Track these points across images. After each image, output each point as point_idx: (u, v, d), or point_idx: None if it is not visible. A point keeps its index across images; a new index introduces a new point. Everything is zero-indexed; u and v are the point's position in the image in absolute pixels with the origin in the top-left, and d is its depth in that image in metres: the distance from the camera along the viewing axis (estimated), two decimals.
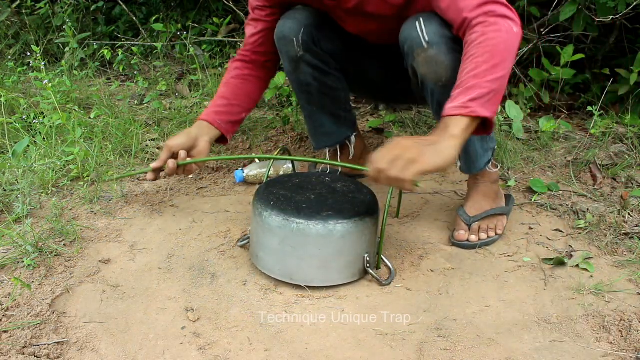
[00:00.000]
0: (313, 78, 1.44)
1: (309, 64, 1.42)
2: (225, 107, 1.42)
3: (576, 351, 1.02)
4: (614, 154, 1.79)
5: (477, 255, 1.32)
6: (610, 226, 1.41)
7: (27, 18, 2.79)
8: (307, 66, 1.42)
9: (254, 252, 1.21)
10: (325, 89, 1.47)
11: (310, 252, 1.13)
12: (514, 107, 1.91)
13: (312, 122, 1.55)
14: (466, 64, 1.05)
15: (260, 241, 1.18)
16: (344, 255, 1.15)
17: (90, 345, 1.02)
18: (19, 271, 1.21)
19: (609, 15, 1.83)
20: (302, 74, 1.44)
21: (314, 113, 1.53)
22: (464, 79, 1.04)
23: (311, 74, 1.43)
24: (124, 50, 2.58)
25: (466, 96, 1.02)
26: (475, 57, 1.04)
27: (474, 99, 1.01)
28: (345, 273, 1.17)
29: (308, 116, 1.55)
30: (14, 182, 1.54)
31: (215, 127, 1.39)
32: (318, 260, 1.14)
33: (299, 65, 1.42)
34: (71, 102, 2.06)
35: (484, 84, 1.02)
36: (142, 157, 1.76)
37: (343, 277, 1.17)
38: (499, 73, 1.03)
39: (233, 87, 1.45)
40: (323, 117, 1.53)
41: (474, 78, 1.02)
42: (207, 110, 1.41)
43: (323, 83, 1.45)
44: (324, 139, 1.57)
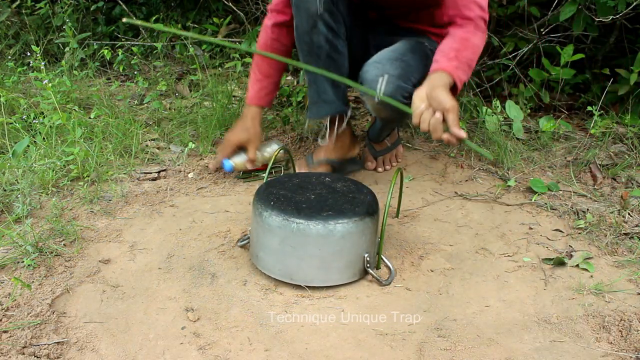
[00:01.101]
0: (326, 40, 1.43)
1: (326, 24, 1.41)
2: (266, 84, 1.60)
3: (576, 351, 1.02)
4: (614, 154, 1.79)
5: (477, 255, 1.32)
6: (610, 226, 1.41)
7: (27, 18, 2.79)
8: (324, 26, 1.41)
9: (254, 252, 1.21)
10: (334, 53, 1.46)
11: (310, 252, 1.13)
12: (514, 107, 1.91)
13: (316, 87, 1.53)
14: (463, 43, 1.30)
15: (260, 241, 1.18)
16: (344, 255, 1.15)
17: (90, 345, 1.02)
18: (19, 271, 1.21)
19: (609, 15, 1.83)
20: (316, 34, 1.43)
21: (319, 78, 1.51)
22: (462, 50, 1.28)
23: (325, 35, 1.42)
24: (124, 50, 2.58)
25: (454, 63, 1.26)
26: (471, 46, 1.31)
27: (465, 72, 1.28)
28: (346, 273, 1.17)
29: (313, 81, 1.53)
30: (14, 182, 1.54)
31: (262, 107, 1.62)
32: (318, 260, 1.14)
33: (316, 24, 1.41)
34: (71, 102, 2.06)
35: (469, 70, 1.30)
36: (142, 157, 1.76)
37: (343, 277, 1.17)
38: (472, 70, 1.33)
39: (269, 60, 1.58)
40: (326, 84, 1.52)
41: (470, 60, 1.30)
42: (253, 92, 1.61)
43: (334, 47, 1.45)
44: (325, 107, 1.55)
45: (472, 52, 1.31)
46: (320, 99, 1.55)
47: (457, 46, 1.29)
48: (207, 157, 1.80)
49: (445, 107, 1.15)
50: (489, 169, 1.75)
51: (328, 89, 1.53)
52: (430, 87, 1.20)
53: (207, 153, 1.82)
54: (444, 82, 1.21)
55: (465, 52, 1.29)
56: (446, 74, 1.23)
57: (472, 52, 1.31)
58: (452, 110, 1.15)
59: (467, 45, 1.30)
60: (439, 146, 1.92)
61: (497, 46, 2.20)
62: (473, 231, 1.42)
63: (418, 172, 1.73)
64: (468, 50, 1.30)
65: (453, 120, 1.14)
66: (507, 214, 1.50)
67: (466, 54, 1.29)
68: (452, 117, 1.14)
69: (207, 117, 1.97)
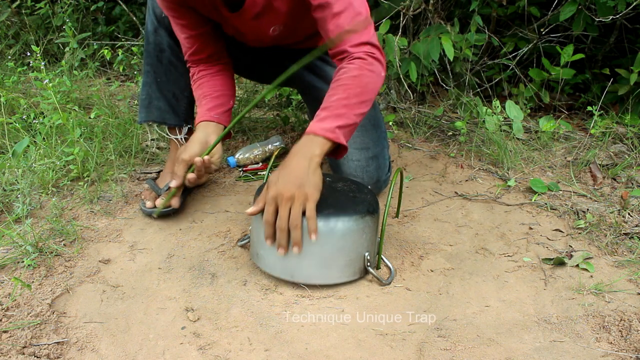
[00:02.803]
0: (168, 45, 1.42)
1: (167, 31, 1.40)
2: (212, 102, 1.38)
3: (576, 351, 1.02)
4: (614, 154, 1.79)
5: (477, 255, 1.32)
6: (610, 226, 1.41)
7: (27, 18, 2.79)
8: (166, 31, 1.40)
9: (255, 251, 1.21)
10: (177, 61, 1.43)
11: (311, 250, 1.13)
12: (514, 107, 1.91)
13: (151, 91, 1.48)
14: (338, 90, 1.13)
15: (261, 240, 1.18)
16: (344, 254, 1.15)
17: (90, 345, 1.02)
18: (19, 271, 1.21)
19: (609, 15, 1.84)
20: (159, 37, 1.42)
21: (157, 84, 1.47)
22: (334, 104, 1.12)
23: (167, 40, 1.41)
24: (124, 50, 2.58)
25: (335, 122, 1.10)
26: (349, 88, 1.12)
27: (341, 127, 1.11)
28: (346, 272, 1.17)
29: (147, 84, 1.48)
30: (14, 182, 1.54)
31: (215, 122, 1.36)
32: (319, 259, 1.14)
33: (158, 29, 1.40)
34: (71, 102, 2.06)
35: (352, 116, 1.12)
36: (142, 157, 1.76)
37: (344, 275, 1.17)
38: (364, 109, 1.14)
39: (208, 84, 1.41)
40: (165, 91, 1.48)
41: (345, 108, 1.11)
42: (199, 113, 1.38)
43: (177, 55, 1.42)
44: (155, 113, 1.49)
45: (361, 100, 1.14)
46: (151, 104, 1.50)
47: (341, 95, 1.13)
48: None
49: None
50: (489, 169, 1.75)
51: (163, 97, 1.47)
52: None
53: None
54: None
55: (351, 100, 1.13)
56: (320, 139, 1.10)
57: (361, 100, 1.14)
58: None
59: (351, 93, 1.13)
60: (439, 146, 1.92)
61: (497, 46, 2.20)
62: (473, 231, 1.42)
63: (418, 172, 1.73)
64: (356, 98, 1.13)
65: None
66: (507, 214, 1.50)
67: (354, 101, 1.13)
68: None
69: None
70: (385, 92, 2.25)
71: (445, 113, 2.13)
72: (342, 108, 1.11)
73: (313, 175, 1.08)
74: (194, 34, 1.34)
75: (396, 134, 2.01)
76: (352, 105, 1.12)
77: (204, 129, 1.34)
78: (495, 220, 1.47)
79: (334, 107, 1.12)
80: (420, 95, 2.31)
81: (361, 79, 1.13)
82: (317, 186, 1.09)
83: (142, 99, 1.50)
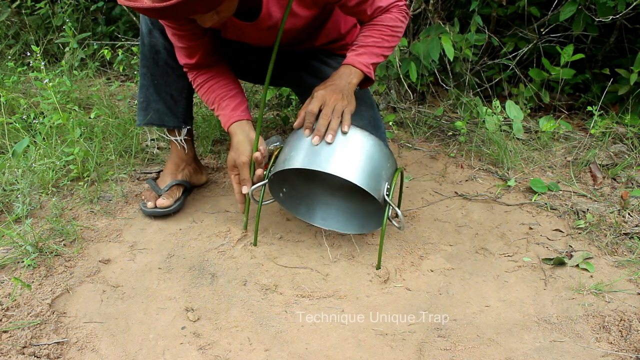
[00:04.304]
0: (164, 47, 1.41)
1: (161, 32, 1.39)
2: (232, 102, 1.40)
3: (576, 351, 1.02)
4: (614, 154, 1.79)
5: (477, 255, 1.32)
6: (610, 226, 1.41)
7: (27, 18, 2.79)
8: (160, 33, 1.39)
9: (284, 159, 1.22)
10: (173, 62, 1.42)
11: (341, 149, 1.17)
12: (514, 107, 1.91)
13: (149, 94, 1.48)
14: (375, 31, 1.32)
15: (295, 144, 1.21)
16: (369, 163, 1.18)
17: (90, 345, 1.02)
18: (19, 271, 1.21)
19: (609, 15, 1.84)
20: (154, 38, 1.41)
21: (155, 86, 1.47)
22: (371, 44, 1.31)
23: (162, 42, 1.40)
24: (124, 50, 2.58)
25: (370, 59, 1.30)
26: (384, 33, 1.32)
27: (375, 63, 1.31)
28: (370, 183, 1.17)
29: (145, 86, 1.48)
30: (14, 182, 1.54)
31: (245, 120, 1.39)
32: (346, 158, 1.17)
33: (154, 28, 1.39)
34: (71, 102, 2.06)
35: (382, 56, 1.33)
36: (142, 157, 1.76)
37: (364, 182, 1.17)
38: (390, 52, 1.36)
39: (219, 86, 1.41)
40: (163, 94, 1.47)
41: (379, 49, 1.32)
42: (226, 116, 1.39)
43: (173, 57, 1.41)
44: (154, 116, 1.50)
45: (391, 46, 1.34)
46: (149, 106, 1.50)
47: (377, 36, 1.32)
48: (207, 157, 1.80)
49: None
50: (489, 169, 1.75)
51: (161, 99, 1.47)
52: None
53: (207, 153, 1.82)
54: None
55: (384, 44, 1.32)
56: (357, 71, 1.28)
57: (391, 45, 1.34)
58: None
59: (385, 37, 1.32)
60: (439, 146, 1.92)
61: (497, 46, 2.20)
62: (473, 231, 1.42)
63: (418, 172, 1.73)
64: (387, 43, 1.33)
65: None
66: (507, 214, 1.50)
67: (386, 45, 1.33)
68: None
69: (207, 117, 1.98)
70: (385, 92, 2.25)
71: (445, 113, 2.13)
72: (377, 49, 1.31)
73: (351, 95, 1.25)
74: (192, 45, 1.34)
75: (396, 134, 2.01)
76: (384, 49, 1.32)
77: (240, 128, 1.37)
78: (495, 220, 1.47)
79: (370, 46, 1.31)
80: (420, 95, 2.31)
81: (394, 26, 1.33)
82: (354, 102, 1.26)
83: (140, 101, 1.50)
